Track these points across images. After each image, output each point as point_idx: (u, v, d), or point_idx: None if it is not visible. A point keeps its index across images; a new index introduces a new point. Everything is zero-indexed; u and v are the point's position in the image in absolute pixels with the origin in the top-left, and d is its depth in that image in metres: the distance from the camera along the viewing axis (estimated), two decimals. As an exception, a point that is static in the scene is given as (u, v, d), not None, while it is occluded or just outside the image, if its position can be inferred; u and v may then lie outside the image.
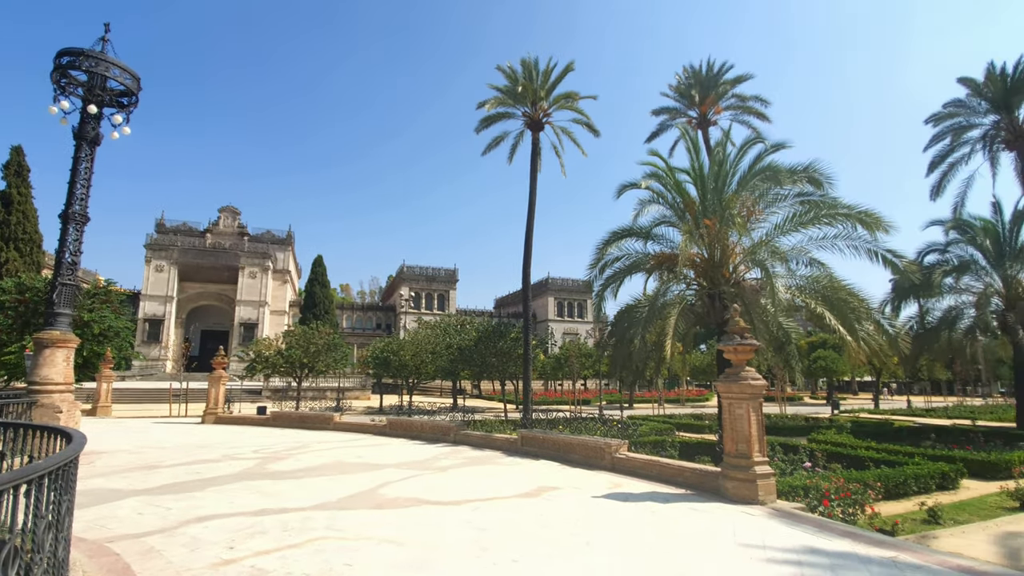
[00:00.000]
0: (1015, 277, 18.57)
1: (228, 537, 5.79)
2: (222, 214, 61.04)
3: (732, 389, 8.25)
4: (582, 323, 73.58)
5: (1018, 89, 25.32)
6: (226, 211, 61.29)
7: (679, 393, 47.46)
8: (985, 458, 11.88)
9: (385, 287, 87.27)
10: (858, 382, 64.32)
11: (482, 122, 25.39)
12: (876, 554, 5.57)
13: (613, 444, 10.69)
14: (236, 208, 61.86)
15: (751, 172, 13.81)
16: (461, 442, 14.77)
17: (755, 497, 7.77)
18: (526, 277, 24.33)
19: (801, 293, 12.72)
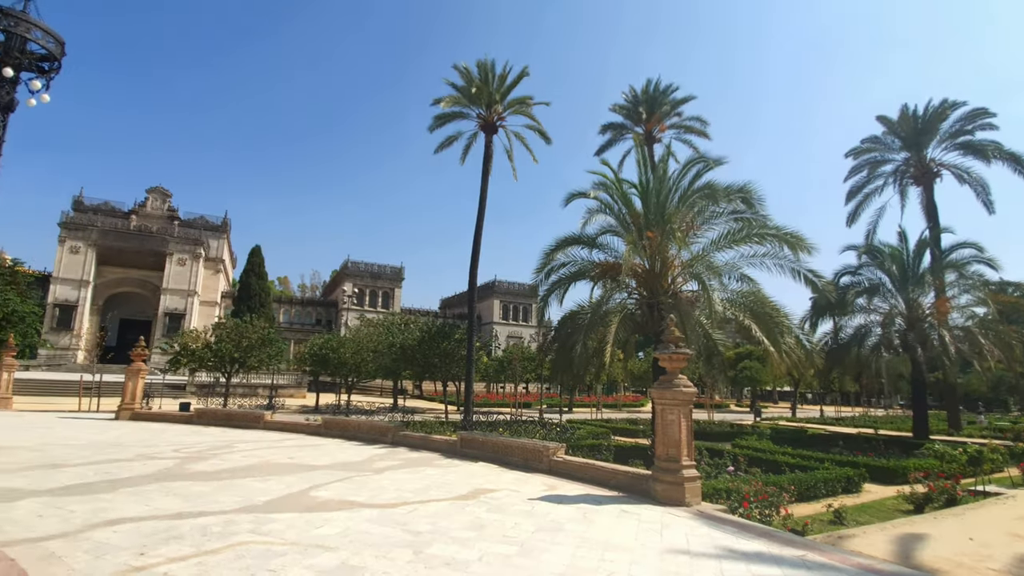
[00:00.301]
0: (916, 300, 20.57)
1: (139, 542, 5.42)
2: (150, 195, 56.85)
3: (665, 396, 8.61)
4: (526, 327, 74.29)
5: (926, 130, 28.13)
6: (155, 192, 57.14)
7: (617, 398, 48.97)
8: (885, 464, 13.01)
9: (328, 282, 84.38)
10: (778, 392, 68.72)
11: (436, 120, 25.21)
12: (788, 553, 5.98)
13: (551, 447, 10.87)
14: (166, 190, 57.76)
15: (691, 189, 14.52)
16: (399, 443, 14.53)
17: (682, 499, 8.14)
18: (472, 278, 24.32)
19: (732, 306, 13.47)
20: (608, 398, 48.27)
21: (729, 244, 13.75)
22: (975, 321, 19.95)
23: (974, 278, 20.44)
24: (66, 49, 10.13)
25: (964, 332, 19.51)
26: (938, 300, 19.74)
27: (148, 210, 55.97)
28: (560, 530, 6.50)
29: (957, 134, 27.87)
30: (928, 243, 21.81)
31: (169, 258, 51.30)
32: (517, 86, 25.01)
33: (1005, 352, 18.79)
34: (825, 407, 52.53)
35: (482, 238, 24.10)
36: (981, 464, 13.64)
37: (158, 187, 57.34)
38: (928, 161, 28.36)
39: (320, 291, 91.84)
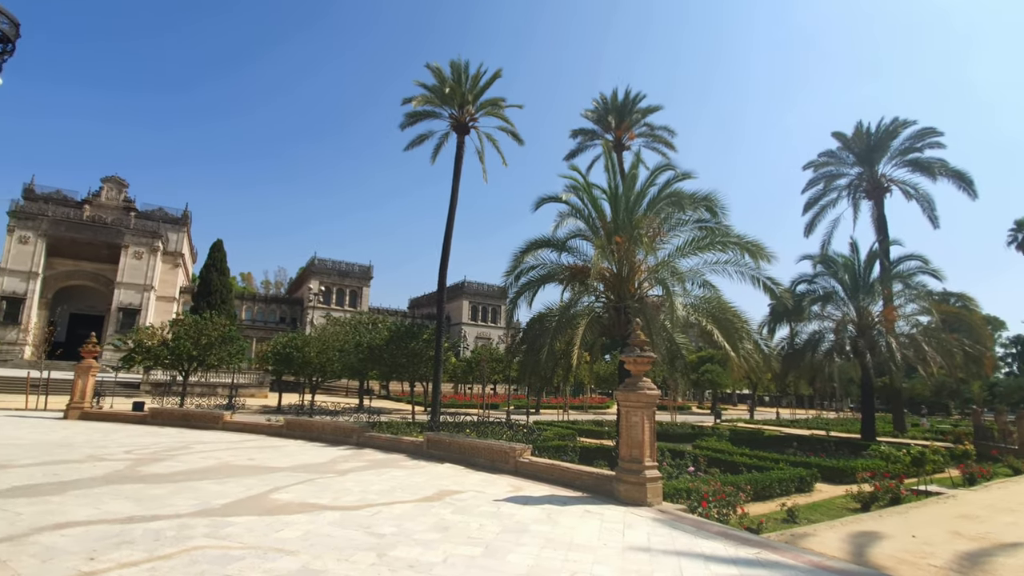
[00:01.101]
0: (866, 308, 21.64)
1: (89, 547, 5.21)
2: (105, 185, 54.17)
3: (630, 398, 8.80)
4: (495, 328, 74.34)
5: (878, 147, 29.61)
6: (110, 182, 54.49)
7: (583, 400, 49.48)
8: (835, 465, 13.62)
9: (293, 279, 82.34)
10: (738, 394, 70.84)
11: (408, 117, 25.01)
12: (743, 552, 6.21)
13: (517, 448, 10.94)
14: (122, 179, 55.13)
15: (659, 196, 14.87)
16: (365, 444, 14.35)
17: (644, 499, 8.33)
18: (442, 279, 24.22)
19: (695, 311, 13.86)
20: (575, 400, 48.75)
21: (693, 251, 14.16)
22: (920, 329, 21.12)
23: (919, 288, 21.70)
24: (20, 31, 9.61)
25: (909, 339, 20.63)
26: (886, 309, 20.83)
27: (103, 200, 53.37)
28: (525, 531, 6.57)
29: (906, 151, 29.46)
30: (878, 254, 22.98)
31: (124, 251, 49.06)
32: (490, 87, 25.07)
33: (946, 359, 19.96)
34: (781, 409, 54.51)
35: (452, 239, 24.01)
36: (924, 465, 14.43)
37: (114, 176, 54.73)
38: (879, 176, 29.90)
39: (285, 288, 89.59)
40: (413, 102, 23.75)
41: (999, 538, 8.48)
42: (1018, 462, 16.31)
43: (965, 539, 8.36)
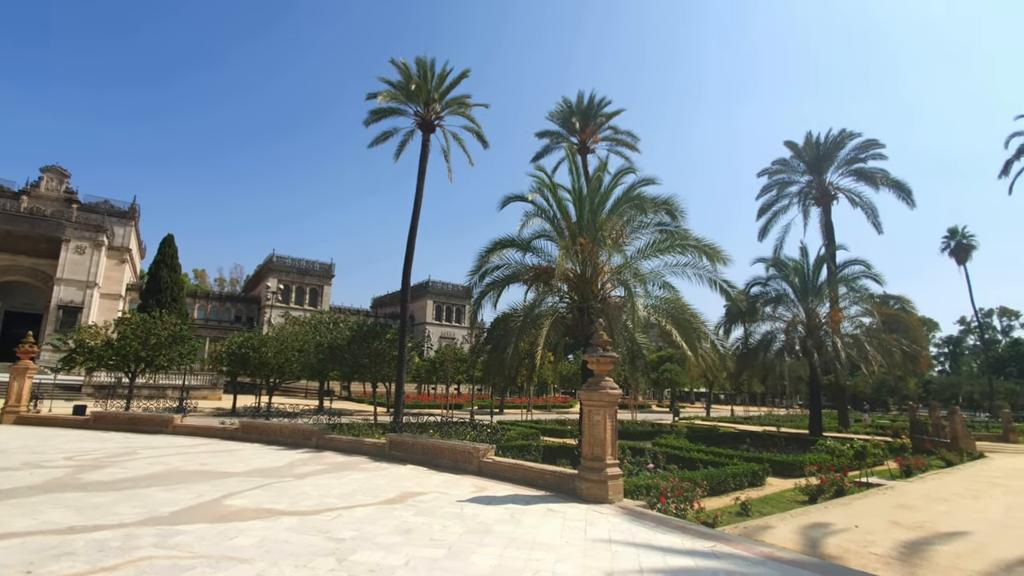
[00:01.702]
0: (814, 310, 22.77)
1: (26, 559, 4.90)
2: (45, 175, 50.81)
3: (592, 397, 8.95)
4: (459, 328, 74.02)
5: (826, 156, 31.18)
6: (50, 172, 51.16)
7: (547, 400, 49.93)
8: (785, 459, 14.22)
9: (250, 277, 79.51)
10: (695, 393, 73.01)
11: (372, 114, 24.60)
12: (700, 545, 6.42)
13: (481, 448, 10.94)
14: (64, 169, 51.87)
15: (623, 198, 15.16)
16: (325, 447, 14.04)
17: (606, 497, 8.49)
18: (406, 278, 23.95)
19: (656, 312, 14.21)
20: (539, 399, 49.12)
21: (654, 253, 14.51)
22: (862, 330, 22.37)
23: (862, 291, 23.03)
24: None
25: (853, 339, 21.80)
26: (832, 310, 21.97)
27: (42, 191, 50.06)
28: (488, 531, 6.59)
29: (852, 161, 31.16)
30: (825, 259, 24.19)
31: (65, 245, 46.16)
32: (457, 86, 24.97)
33: (886, 358, 21.20)
34: (735, 407, 56.59)
35: (416, 238, 23.79)
36: (865, 458, 15.26)
37: (55, 166, 51.43)
38: (827, 184, 31.50)
39: (241, 287, 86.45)
40: (378, 98, 23.39)
41: (934, 527, 9.06)
42: (950, 454, 17.47)
43: (903, 528, 8.90)
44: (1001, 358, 75.95)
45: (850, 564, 6.68)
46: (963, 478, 14.40)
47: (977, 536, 8.56)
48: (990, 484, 13.60)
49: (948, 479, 14.19)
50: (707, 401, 52.96)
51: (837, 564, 6.49)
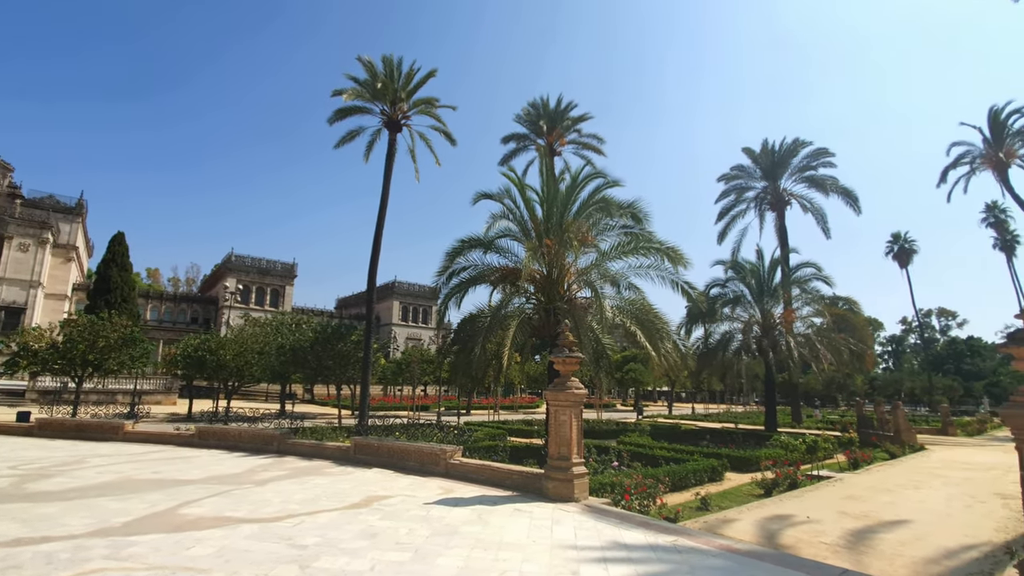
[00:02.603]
0: (770, 311, 23.73)
1: (-39, 580, 4.63)
2: (-18, 168, 47.73)
3: (559, 397, 9.07)
4: (426, 329, 73.42)
5: (780, 163, 32.53)
6: (-12, 164, 48.08)
7: (514, 400, 50.08)
8: (742, 455, 14.75)
9: (208, 277, 76.55)
10: (657, 391, 74.73)
11: (337, 113, 24.17)
12: (662, 540, 6.61)
13: (448, 450, 10.92)
14: (7, 163, 48.67)
15: (589, 201, 15.40)
16: (287, 452, 13.70)
17: (571, 495, 8.62)
18: (372, 278, 23.63)
19: (620, 313, 14.51)
20: (505, 400, 49.23)
21: (619, 255, 14.81)
22: (814, 330, 23.47)
23: (813, 293, 24.17)
24: None
25: (805, 339, 22.83)
26: (786, 311, 22.96)
27: (-22, 184, 46.96)
28: (455, 533, 6.60)
29: (804, 169, 32.65)
30: (779, 262, 25.27)
31: (7, 242, 43.41)
32: (424, 86, 24.79)
33: (836, 356, 22.30)
34: (696, 405, 58.16)
35: (382, 237, 23.49)
36: (816, 452, 16.00)
37: (-8, 157, 48.32)
38: (781, 190, 32.89)
39: (198, 287, 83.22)
40: (343, 95, 22.98)
41: (879, 516, 9.60)
42: (894, 447, 18.50)
43: (851, 518, 9.39)
44: (940, 356, 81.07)
45: (802, 553, 7.01)
46: (905, 470, 15.29)
47: (918, 524, 9.12)
48: (930, 475, 14.49)
49: (892, 471, 15.03)
50: (669, 399, 54.29)
51: (790, 554, 6.80)
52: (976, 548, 7.89)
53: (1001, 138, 30.42)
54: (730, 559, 5.91)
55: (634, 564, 5.65)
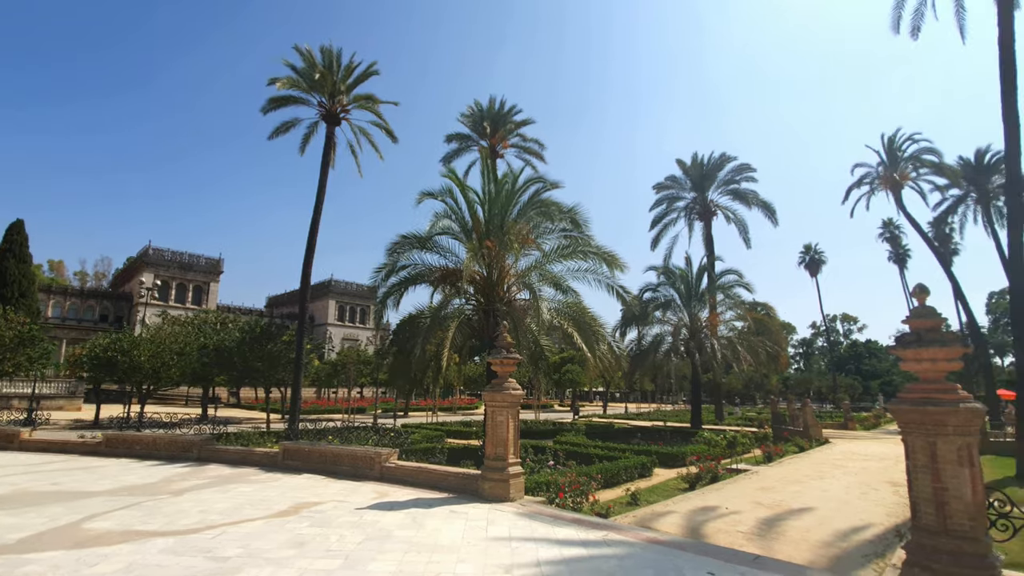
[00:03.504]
0: (697, 315, 25.13)
1: None
2: None
3: (496, 398, 9.16)
4: (364, 329, 71.46)
5: (708, 176, 34.59)
6: None
7: (453, 402, 49.78)
8: (670, 451, 15.50)
9: (121, 271, 70.40)
10: (594, 392, 76.94)
11: (271, 102, 23.05)
12: (593, 535, 6.85)
13: (383, 453, 10.73)
14: None
15: (529, 204, 15.62)
16: (209, 459, 12.92)
17: (507, 495, 8.73)
18: (306, 275, 22.75)
19: (558, 315, 14.83)
20: (444, 402, 48.83)
21: (558, 258, 15.15)
22: (735, 333, 25.14)
23: (735, 298, 25.91)
24: None
25: (728, 342, 24.39)
26: (711, 315, 24.44)
27: None
28: (389, 538, 6.51)
29: (729, 182, 34.93)
30: (706, 268, 26.82)
31: None
32: (366, 81, 24.16)
33: (754, 358, 23.98)
34: (629, 404, 60.40)
35: (318, 234, 22.66)
36: (736, 447, 17.11)
37: None
38: (709, 201, 34.99)
39: (109, 282, 76.43)
40: (278, 84, 21.96)
41: (788, 504, 10.41)
42: (803, 441, 20.10)
43: (764, 507, 10.12)
44: (843, 357, 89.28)
45: (721, 542, 7.48)
46: (812, 462, 16.65)
47: (821, 511, 9.98)
48: (833, 466, 15.86)
49: (800, 463, 16.32)
50: (604, 399, 56.01)
51: (709, 543, 7.24)
52: (869, 531, 8.75)
53: (896, 162, 33.87)
54: (655, 550, 6.23)
55: (566, 560, 5.82)
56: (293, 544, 6.17)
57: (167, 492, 9.20)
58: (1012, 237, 15.61)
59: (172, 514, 7.60)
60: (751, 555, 6.34)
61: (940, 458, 4.98)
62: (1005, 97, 15.24)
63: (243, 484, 10.04)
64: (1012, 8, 15.48)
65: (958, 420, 4.89)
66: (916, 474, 5.20)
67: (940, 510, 4.97)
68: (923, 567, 4.99)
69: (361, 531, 6.78)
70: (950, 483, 4.93)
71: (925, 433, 5.06)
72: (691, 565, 5.69)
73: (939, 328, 5.17)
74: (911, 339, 5.23)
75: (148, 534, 6.54)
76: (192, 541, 6.26)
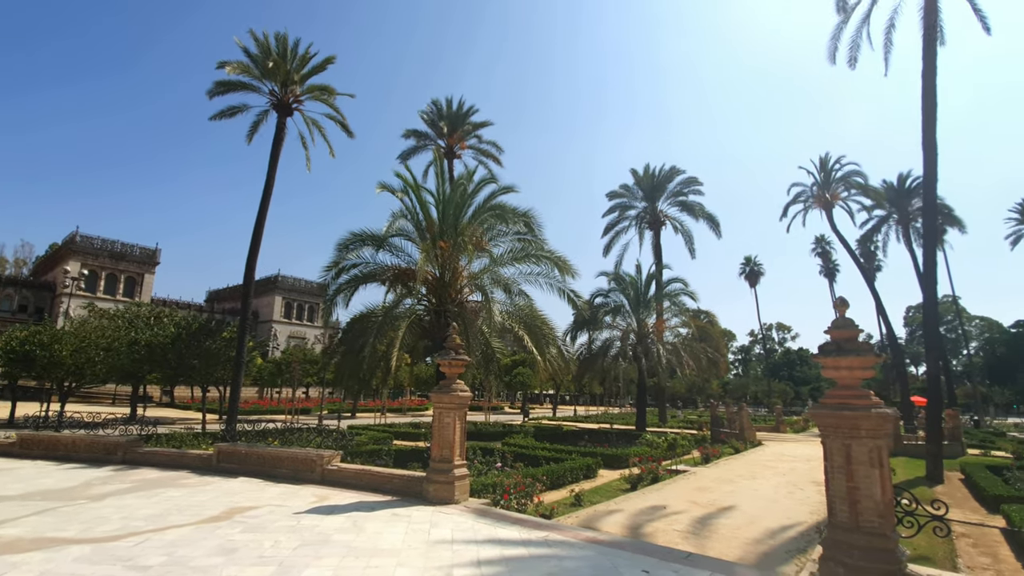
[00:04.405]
0: (644, 320, 25.93)
1: None
2: None
3: (443, 399, 9.11)
4: (311, 327, 69.25)
5: (658, 187, 35.85)
6: None
7: (403, 403, 49.05)
8: (614, 453, 15.88)
9: (43, 259, 64.98)
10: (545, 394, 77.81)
11: (218, 86, 22.01)
12: (535, 536, 6.93)
13: (325, 455, 10.44)
14: None
15: (485, 206, 15.65)
16: (136, 462, 12.17)
17: (452, 497, 8.69)
18: (250, 269, 21.81)
19: (510, 318, 14.93)
20: (394, 403, 48.04)
21: (511, 261, 15.25)
22: (680, 339, 26.14)
23: (681, 306, 26.96)
24: None
25: (673, 347, 25.31)
26: (658, 321, 25.30)
27: None
28: (326, 542, 6.35)
29: (677, 194, 36.35)
30: (654, 276, 27.72)
31: None
32: (321, 72, 23.46)
33: (697, 363, 25.00)
34: (579, 407, 61.47)
35: (265, 226, 21.79)
36: (676, 449, 17.73)
37: None
38: (658, 211, 36.20)
39: (30, 269, 70.44)
40: (227, 68, 21.00)
41: (722, 504, 10.89)
42: (738, 443, 21.10)
43: (700, 506, 10.54)
44: (778, 364, 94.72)
45: (657, 540, 7.74)
46: (746, 463, 17.49)
47: (752, 510, 10.50)
48: (764, 467, 16.72)
49: (735, 464, 17.12)
50: (554, 402, 56.70)
51: (647, 542, 7.48)
52: (795, 528, 9.28)
53: (828, 182, 36.28)
54: (594, 549, 6.38)
55: (506, 560, 5.87)
56: (223, 551, 5.91)
57: (87, 497, 8.60)
58: (926, 256, 17.03)
59: (91, 520, 7.11)
60: (684, 553, 6.61)
61: (854, 459, 5.37)
62: (925, 127, 16.60)
63: (172, 488, 9.52)
64: (935, 45, 16.88)
65: (870, 424, 5.30)
66: (833, 474, 5.58)
67: (853, 508, 5.35)
68: (837, 562, 5.36)
69: (298, 536, 6.58)
70: (862, 483, 5.32)
71: (842, 436, 5.44)
72: (627, 563, 5.86)
73: (856, 338, 5.58)
74: (831, 348, 5.62)
75: (63, 541, 6.10)
76: (111, 549, 5.88)
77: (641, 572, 5.61)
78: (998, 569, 7.31)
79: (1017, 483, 12.62)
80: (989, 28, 18.22)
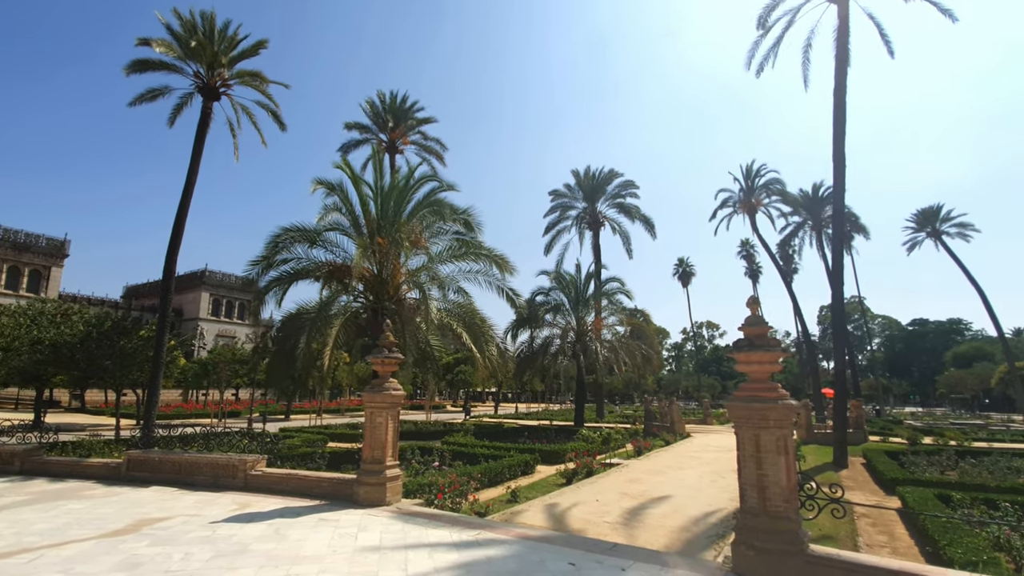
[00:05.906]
0: (583, 319, 26.53)
1: None
2: None
3: (375, 399, 8.91)
4: (242, 325, 65.77)
5: (598, 189, 36.84)
6: None
7: (341, 403, 47.57)
8: (552, 448, 16.12)
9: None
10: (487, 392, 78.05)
11: (136, 64, 20.29)
12: (467, 535, 6.91)
13: (249, 460, 9.94)
14: None
15: (424, 202, 15.40)
16: (35, 472, 11.11)
17: (383, 499, 8.51)
18: (170, 263, 20.28)
19: (449, 316, 14.80)
20: (332, 403, 46.47)
21: (450, 259, 15.12)
22: (617, 337, 26.95)
23: (618, 305, 27.78)
24: None
25: (610, 345, 26.06)
26: (596, 320, 25.98)
27: None
28: (244, 552, 6.04)
29: (615, 196, 37.49)
30: (593, 275, 28.44)
31: None
32: (253, 57, 22.21)
33: (632, 360, 25.87)
34: (520, 404, 62.06)
35: (187, 217, 20.38)
36: (611, 443, 18.28)
37: None
38: (598, 212, 37.16)
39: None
40: (154, 44, 19.43)
41: (651, 494, 11.32)
42: (669, 436, 22.04)
43: (630, 498, 10.91)
44: (707, 360, 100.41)
45: (588, 533, 7.94)
46: (675, 454, 18.30)
47: (678, 499, 10.99)
48: (691, 458, 17.56)
49: (665, 455, 17.87)
50: (496, 400, 56.94)
51: (578, 535, 7.65)
52: (716, 515, 9.80)
53: (752, 189, 38.73)
54: (525, 545, 6.45)
55: (435, 563, 5.81)
56: (126, 567, 5.49)
57: (-31, 514, 7.74)
58: (835, 260, 18.50)
59: (-29, 540, 6.40)
60: (609, 544, 6.82)
61: (763, 448, 5.74)
62: (836, 140, 18.01)
63: (74, 500, 8.75)
64: (846, 65, 18.31)
65: (777, 415, 5.69)
66: (745, 463, 5.95)
67: (762, 494, 5.73)
68: (748, 545, 5.73)
69: (212, 547, 6.22)
70: (770, 470, 5.70)
71: (752, 426, 5.80)
72: (554, 557, 5.98)
73: (766, 335, 5.97)
74: (744, 344, 5.98)
75: (-67, 566, 5.45)
76: (0, 567, 5.33)
77: (567, 564, 5.73)
78: (894, 547, 8.02)
79: (911, 467, 13.97)
80: (893, 52, 19.97)
